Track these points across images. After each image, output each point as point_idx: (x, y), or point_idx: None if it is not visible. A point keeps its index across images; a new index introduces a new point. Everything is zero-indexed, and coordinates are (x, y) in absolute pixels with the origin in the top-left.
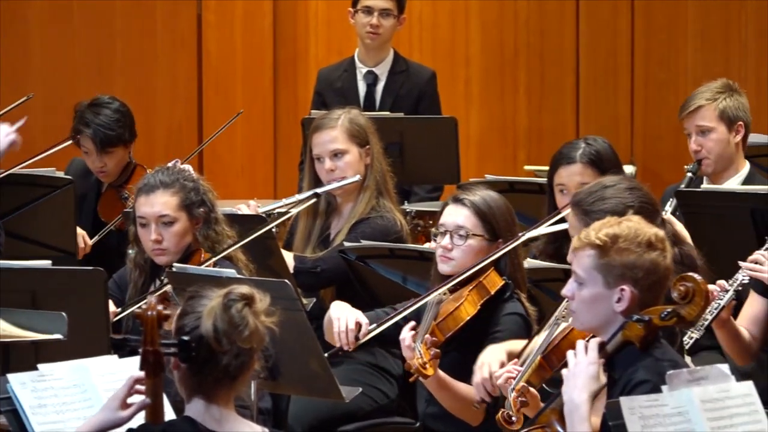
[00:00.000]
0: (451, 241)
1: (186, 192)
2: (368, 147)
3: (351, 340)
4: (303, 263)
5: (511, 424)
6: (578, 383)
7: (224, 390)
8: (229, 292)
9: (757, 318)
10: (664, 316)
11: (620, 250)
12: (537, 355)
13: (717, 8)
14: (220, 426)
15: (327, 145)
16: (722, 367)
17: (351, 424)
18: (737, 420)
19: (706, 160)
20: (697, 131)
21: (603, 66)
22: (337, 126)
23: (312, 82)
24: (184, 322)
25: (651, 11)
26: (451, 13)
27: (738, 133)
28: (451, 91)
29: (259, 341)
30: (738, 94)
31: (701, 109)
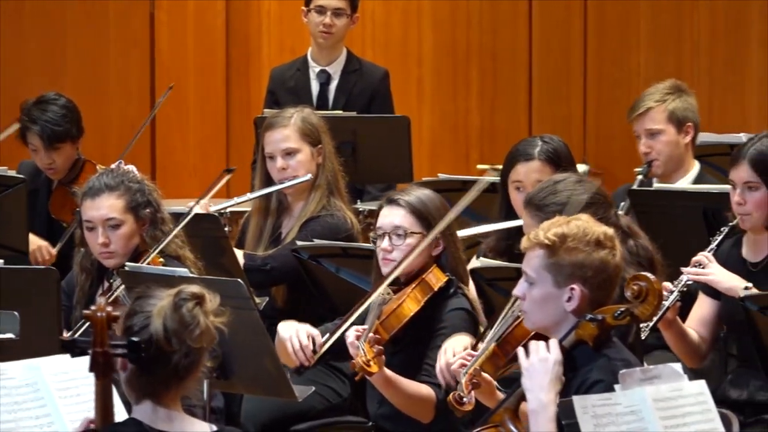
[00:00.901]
0: (390, 242)
1: (131, 194)
2: (320, 146)
3: (309, 355)
4: (253, 261)
5: (462, 405)
6: (545, 383)
7: (172, 390)
8: (179, 292)
9: (706, 319)
10: (618, 315)
11: (569, 249)
12: (491, 342)
13: (669, 8)
14: (167, 425)
15: (279, 144)
16: (675, 366)
17: (304, 423)
18: (690, 419)
19: (656, 162)
20: (647, 133)
21: (556, 65)
22: (290, 125)
23: (265, 81)
24: (133, 321)
25: (603, 11)
26: (404, 13)
27: (687, 134)
28: (404, 90)
29: (209, 341)
30: (686, 94)
31: (650, 111)
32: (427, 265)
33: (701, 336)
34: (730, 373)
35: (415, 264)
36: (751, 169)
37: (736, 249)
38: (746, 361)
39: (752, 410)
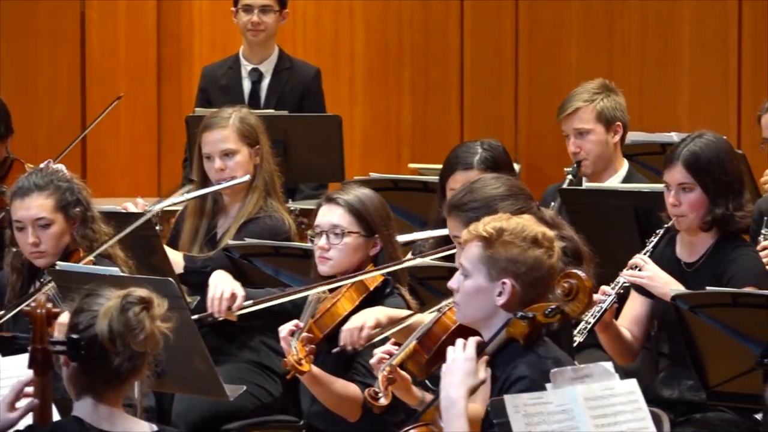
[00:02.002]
0: (328, 240)
1: (61, 193)
2: (258, 147)
3: (223, 309)
4: (193, 263)
5: (378, 400)
6: (455, 379)
7: (113, 390)
8: (127, 294)
9: (638, 318)
10: (548, 313)
11: (505, 243)
12: (413, 339)
13: (600, 7)
14: (108, 425)
15: (218, 145)
16: (606, 365)
17: (235, 423)
18: (621, 418)
19: (585, 162)
20: (576, 133)
21: (487, 65)
22: (229, 125)
23: (196, 79)
24: (79, 319)
25: (535, 10)
26: (335, 12)
27: (616, 133)
28: (336, 89)
29: (153, 346)
30: (615, 93)
31: (579, 111)
32: (364, 264)
33: (634, 335)
34: (662, 372)
35: (352, 264)
36: (685, 170)
37: (670, 248)
38: (677, 361)
39: (683, 409)
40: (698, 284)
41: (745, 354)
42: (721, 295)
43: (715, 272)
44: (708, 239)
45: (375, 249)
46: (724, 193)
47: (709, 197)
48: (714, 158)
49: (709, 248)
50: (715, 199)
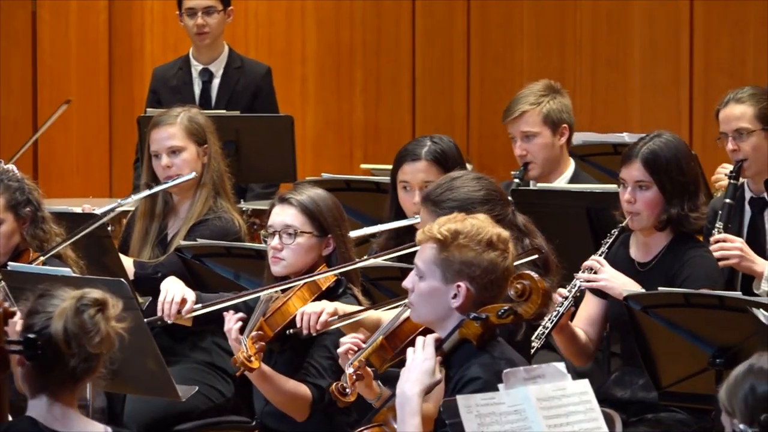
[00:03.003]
0: (281, 241)
1: (11, 192)
2: (206, 146)
3: (173, 312)
4: (143, 269)
5: (345, 396)
6: (411, 377)
7: (68, 390)
8: (82, 296)
9: (593, 319)
10: (501, 314)
11: (460, 246)
12: (379, 335)
13: (552, 8)
14: (62, 425)
15: (164, 142)
16: (558, 366)
17: (187, 423)
18: (573, 418)
19: (532, 165)
20: (522, 136)
21: (439, 64)
22: (176, 123)
23: (148, 80)
24: (34, 320)
25: (486, 10)
26: (287, 11)
27: (563, 135)
28: (288, 89)
29: (108, 347)
30: (561, 95)
31: (525, 114)
32: (317, 264)
33: (589, 336)
34: (614, 372)
35: (305, 263)
36: (644, 168)
37: (624, 248)
38: (630, 361)
39: (635, 409)
40: (652, 284)
41: (697, 354)
42: (674, 295)
43: (668, 272)
44: (662, 239)
45: (328, 249)
46: (680, 193)
47: (665, 196)
48: (672, 158)
49: (663, 248)
50: (670, 198)
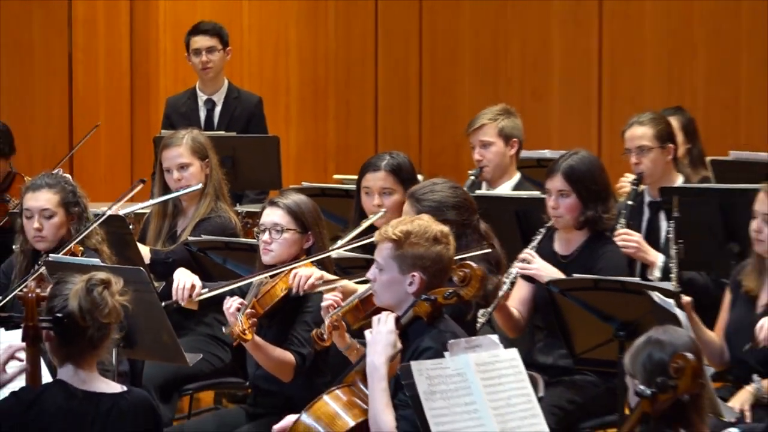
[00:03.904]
0: (270, 236)
1: (66, 192)
2: (208, 160)
3: (185, 297)
4: (158, 255)
5: (323, 341)
6: (378, 349)
7: (89, 356)
8: (90, 278)
9: (525, 300)
10: (447, 296)
11: (412, 243)
12: (356, 298)
13: (488, 47)
14: (87, 385)
15: (174, 159)
16: (493, 337)
17: (193, 383)
18: (505, 380)
19: (486, 168)
20: (480, 144)
21: (397, 95)
22: (183, 144)
23: (162, 107)
24: (54, 303)
25: (436, 49)
26: (274, 51)
27: (513, 147)
28: (275, 114)
29: (116, 317)
30: (514, 116)
31: (484, 126)
32: (299, 256)
33: (521, 313)
34: (538, 343)
35: (289, 255)
36: (564, 179)
37: (549, 243)
38: (551, 334)
39: (555, 372)
40: (572, 273)
41: (604, 328)
42: (585, 280)
43: (585, 264)
44: (580, 237)
45: (308, 243)
46: (595, 199)
47: (582, 202)
48: (587, 171)
49: (581, 244)
50: (587, 203)
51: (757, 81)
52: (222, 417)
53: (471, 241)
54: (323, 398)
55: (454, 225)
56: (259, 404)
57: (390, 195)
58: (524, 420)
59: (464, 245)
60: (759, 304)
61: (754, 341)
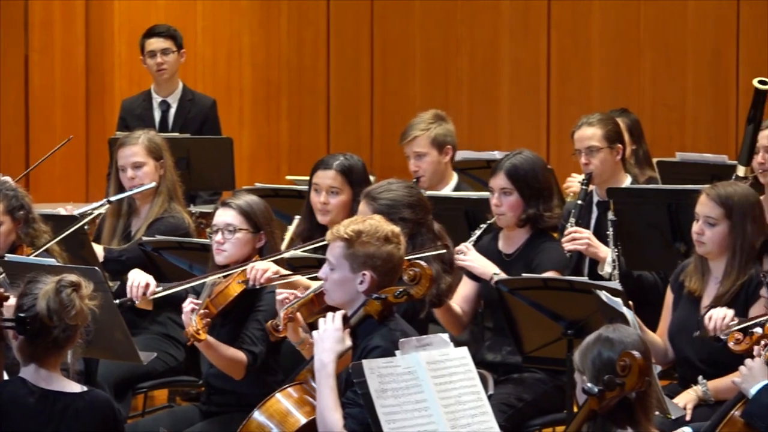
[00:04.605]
0: (223, 236)
1: (8, 199)
2: (162, 161)
3: (139, 295)
4: (111, 254)
5: (278, 332)
6: (325, 346)
7: (52, 357)
8: (60, 279)
9: (468, 297)
10: (397, 295)
11: (363, 242)
12: (311, 292)
13: (438, 51)
14: (46, 384)
15: (129, 158)
16: (444, 336)
17: (147, 382)
18: (455, 377)
19: (423, 178)
20: (415, 155)
21: (348, 97)
22: (138, 143)
23: (117, 109)
24: (24, 301)
25: (387, 51)
26: (228, 55)
27: (447, 154)
28: (228, 116)
29: (83, 320)
30: (446, 122)
31: (417, 138)
32: (251, 255)
33: (464, 310)
34: (487, 341)
35: (242, 255)
36: (507, 178)
37: (494, 242)
38: (499, 332)
39: (504, 370)
40: (515, 271)
41: (553, 327)
42: (534, 280)
43: (527, 261)
44: (523, 235)
45: (260, 243)
46: (536, 197)
47: (524, 200)
48: (529, 170)
49: (523, 242)
50: (529, 202)
51: (703, 83)
52: (176, 415)
53: (425, 240)
54: (275, 396)
55: (409, 224)
56: (213, 402)
57: (336, 194)
58: (474, 417)
59: (419, 244)
60: (702, 304)
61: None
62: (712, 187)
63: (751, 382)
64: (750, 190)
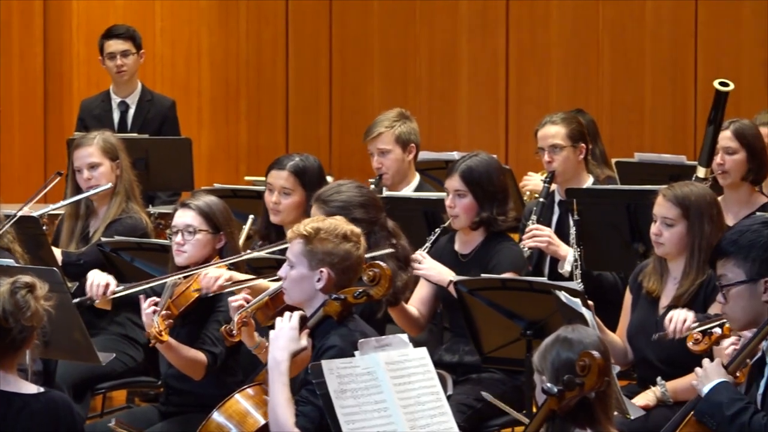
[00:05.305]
0: (183, 237)
1: None
2: (118, 161)
3: (99, 294)
4: (69, 257)
5: (232, 336)
6: (280, 344)
7: (9, 358)
8: (15, 281)
9: (425, 299)
10: (357, 295)
11: (321, 239)
12: (265, 296)
13: (397, 50)
14: (3, 386)
15: (85, 159)
16: (402, 337)
17: (106, 383)
18: (414, 378)
19: (386, 175)
20: (378, 152)
21: (307, 97)
22: (93, 144)
23: (76, 110)
24: None
25: (345, 51)
26: (186, 55)
27: (410, 153)
28: (187, 116)
29: (38, 320)
30: (410, 120)
31: (381, 135)
32: (212, 256)
33: (421, 312)
34: (446, 342)
35: (202, 255)
36: (461, 180)
37: (450, 243)
38: (458, 332)
39: (463, 371)
40: (471, 272)
41: (511, 327)
42: (493, 280)
43: (482, 262)
44: (478, 236)
45: (220, 243)
46: (491, 200)
47: (478, 203)
48: (484, 172)
49: (479, 243)
50: (483, 204)
51: (662, 83)
52: (134, 416)
53: (380, 239)
54: (234, 397)
55: (362, 224)
56: (172, 403)
57: (288, 195)
58: (433, 418)
59: (373, 243)
60: (661, 304)
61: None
62: (669, 188)
63: (704, 382)
64: (707, 189)
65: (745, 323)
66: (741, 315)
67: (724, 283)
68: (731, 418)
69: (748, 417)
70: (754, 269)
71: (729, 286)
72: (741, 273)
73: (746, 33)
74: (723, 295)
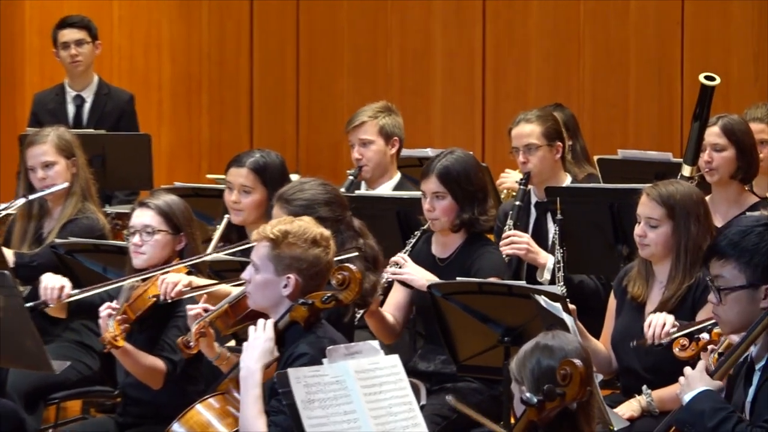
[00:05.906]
0: (141, 238)
1: None
2: (74, 159)
3: (54, 297)
4: (22, 259)
5: (189, 348)
6: (255, 354)
7: None
8: None
9: (400, 304)
10: (325, 300)
11: (289, 244)
12: (225, 303)
13: (367, 44)
14: None
15: (39, 158)
16: (373, 343)
17: (60, 392)
18: (386, 387)
19: (366, 168)
20: (360, 143)
21: (273, 91)
22: (47, 141)
23: (29, 104)
24: None
25: (313, 46)
26: (145, 47)
27: (393, 146)
28: (146, 111)
29: None
30: (395, 114)
31: (364, 124)
32: (171, 258)
33: (396, 318)
34: (419, 349)
35: (161, 257)
36: (438, 181)
37: (427, 246)
38: (432, 340)
39: (437, 380)
40: (450, 276)
41: (488, 334)
42: (469, 284)
43: (463, 266)
44: (458, 239)
45: (180, 245)
46: (471, 200)
47: (458, 204)
48: (462, 171)
49: (458, 246)
50: (463, 205)
51: (645, 79)
52: (90, 427)
53: (346, 238)
54: (196, 407)
55: (327, 222)
56: (129, 413)
57: (249, 194)
58: (406, 429)
59: (339, 242)
60: (647, 310)
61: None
62: (653, 187)
63: (686, 390)
64: (693, 188)
65: (738, 327)
66: (735, 319)
67: (722, 285)
68: (713, 429)
69: (731, 427)
70: (756, 275)
71: (728, 290)
72: (741, 277)
73: (735, 26)
74: (718, 296)
